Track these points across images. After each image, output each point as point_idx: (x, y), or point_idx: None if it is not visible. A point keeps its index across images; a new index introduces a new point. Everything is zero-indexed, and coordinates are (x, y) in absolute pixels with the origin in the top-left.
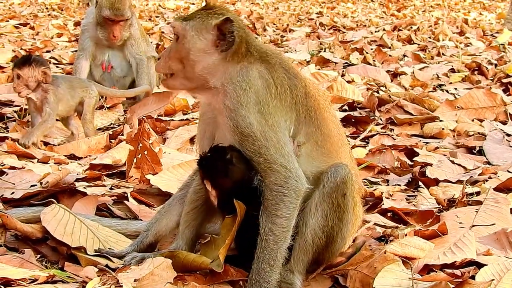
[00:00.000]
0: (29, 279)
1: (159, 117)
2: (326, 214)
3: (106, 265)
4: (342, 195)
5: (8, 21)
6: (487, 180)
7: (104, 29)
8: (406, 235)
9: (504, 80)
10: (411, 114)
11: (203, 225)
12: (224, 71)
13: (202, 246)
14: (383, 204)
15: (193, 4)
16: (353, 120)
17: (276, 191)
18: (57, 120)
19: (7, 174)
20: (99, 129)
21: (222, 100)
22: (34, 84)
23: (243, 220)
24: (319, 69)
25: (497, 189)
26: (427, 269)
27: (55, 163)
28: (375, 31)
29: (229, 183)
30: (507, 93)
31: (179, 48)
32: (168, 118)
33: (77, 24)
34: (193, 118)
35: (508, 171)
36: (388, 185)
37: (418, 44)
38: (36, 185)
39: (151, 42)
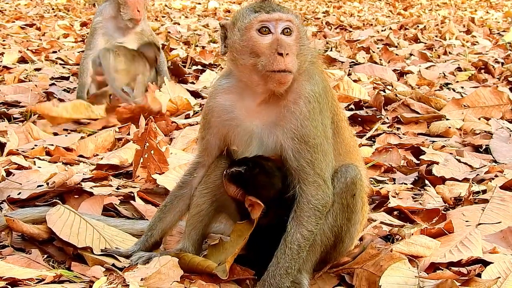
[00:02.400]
0: (36, 279)
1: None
2: (336, 214)
3: (113, 265)
4: (351, 196)
5: (14, 22)
6: (493, 179)
7: (127, 8)
8: (412, 234)
9: (511, 79)
10: (418, 113)
11: (209, 226)
12: (304, 73)
13: (210, 247)
14: (390, 202)
15: (199, 3)
16: (359, 119)
17: (313, 204)
18: None
19: (13, 174)
20: (106, 127)
21: (294, 104)
22: None
23: (261, 223)
24: (325, 68)
25: (503, 187)
26: (433, 267)
27: (63, 163)
28: (382, 30)
29: (273, 194)
30: None
31: (295, 42)
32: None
33: (83, 24)
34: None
35: None
36: (394, 183)
37: (425, 43)
38: (42, 185)
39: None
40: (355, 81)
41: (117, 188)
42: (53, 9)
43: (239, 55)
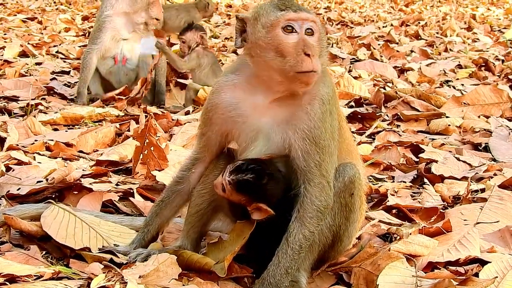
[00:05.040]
0: (35, 276)
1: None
2: (334, 214)
3: (111, 261)
4: (350, 195)
5: (16, 15)
6: (492, 177)
7: (155, 8)
8: (410, 234)
9: (511, 76)
10: (418, 111)
11: (208, 224)
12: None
13: (209, 245)
14: (388, 201)
15: None
16: (359, 116)
17: (316, 206)
18: None
19: (13, 170)
20: (100, 120)
21: (309, 105)
22: None
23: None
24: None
25: (502, 186)
26: (431, 266)
27: (63, 159)
28: (383, 27)
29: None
30: None
31: (317, 43)
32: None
33: (85, 18)
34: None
35: None
36: (393, 181)
37: (426, 40)
38: (42, 181)
39: None
40: (355, 77)
41: (117, 185)
42: (54, 2)
43: (264, 52)
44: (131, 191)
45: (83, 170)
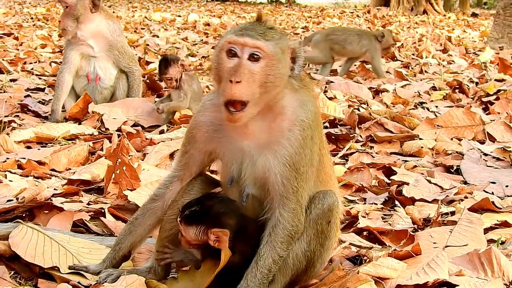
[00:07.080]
0: None
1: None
2: (310, 240)
3: (79, 282)
4: (327, 222)
5: None
6: (462, 200)
7: None
8: (380, 257)
9: (484, 99)
10: (391, 132)
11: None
12: (291, 98)
13: (181, 271)
14: (359, 223)
15: (179, 16)
16: (333, 137)
17: (288, 231)
18: None
19: None
20: (75, 138)
21: (289, 131)
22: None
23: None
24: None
25: (472, 209)
26: None
27: (35, 177)
28: None
29: (236, 222)
30: (487, 111)
31: (262, 70)
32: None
33: (61, 35)
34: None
35: (484, 191)
36: (365, 203)
37: (402, 61)
38: (12, 200)
39: (136, 55)
40: (330, 98)
41: (88, 204)
42: (32, 18)
43: (212, 76)
44: (103, 210)
45: (54, 189)
